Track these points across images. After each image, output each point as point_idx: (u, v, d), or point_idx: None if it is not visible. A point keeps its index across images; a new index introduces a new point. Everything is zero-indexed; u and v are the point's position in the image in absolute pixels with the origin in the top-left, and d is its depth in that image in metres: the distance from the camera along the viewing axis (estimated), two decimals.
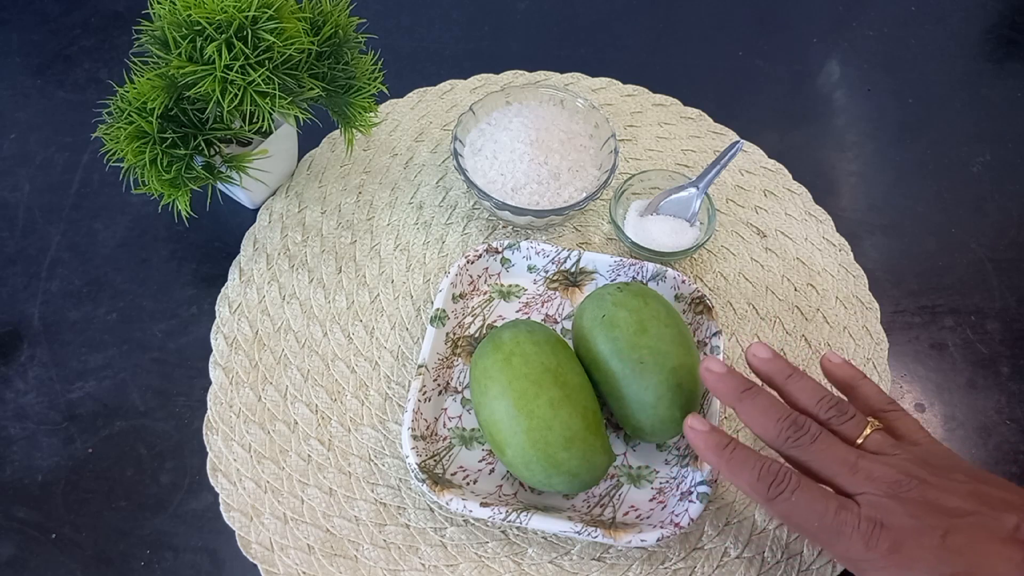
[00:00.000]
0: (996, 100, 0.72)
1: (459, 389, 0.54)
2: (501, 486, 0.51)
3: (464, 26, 0.75)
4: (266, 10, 0.48)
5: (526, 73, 0.71)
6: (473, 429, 0.53)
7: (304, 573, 0.49)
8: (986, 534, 0.37)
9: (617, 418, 0.51)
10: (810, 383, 0.44)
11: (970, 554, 0.36)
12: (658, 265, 0.56)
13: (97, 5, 0.74)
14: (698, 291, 0.55)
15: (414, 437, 0.50)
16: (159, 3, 0.49)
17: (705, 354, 0.53)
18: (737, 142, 0.59)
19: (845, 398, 0.45)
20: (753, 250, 0.62)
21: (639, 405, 0.48)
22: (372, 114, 0.57)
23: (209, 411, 0.54)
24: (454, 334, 0.56)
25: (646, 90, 0.70)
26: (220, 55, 0.47)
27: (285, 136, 0.60)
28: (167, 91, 0.49)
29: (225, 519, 0.50)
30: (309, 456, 0.53)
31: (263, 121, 0.51)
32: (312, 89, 0.52)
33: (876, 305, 0.59)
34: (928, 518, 0.37)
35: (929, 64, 0.74)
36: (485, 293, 0.58)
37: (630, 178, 0.60)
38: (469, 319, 0.57)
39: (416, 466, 0.49)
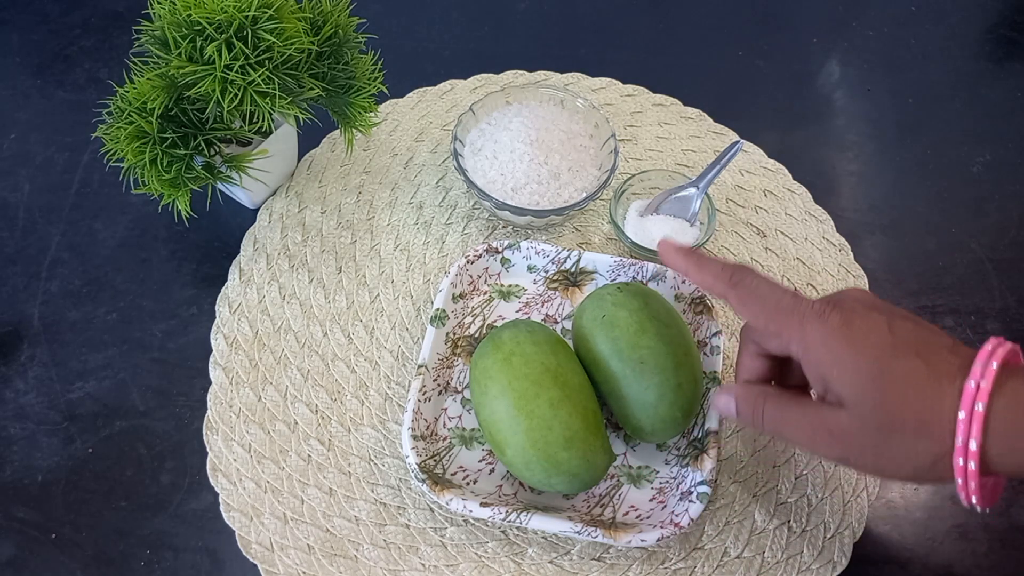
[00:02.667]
0: (996, 100, 0.72)
1: (459, 389, 0.54)
2: (501, 486, 0.51)
3: (464, 26, 0.75)
4: (266, 10, 0.48)
5: (526, 73, 0.71)
6: (473, 429, 0.53)
7: (304, 573, 0.49)
8: (930, 337, 0.39)
9: (618, 418, 0.51)
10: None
11: (914, 341, 0.38)
12: (658, 265, 0.56)
13: (97, 5, 0.74)
14: (698, 291, 0.55)
15: (414, 437, 0.50)
16: (159, 3, 0.49)
17: (706, 355, 0.53)
18: (737, 142, 0.59)
19: None
20: (753, 250, 0.62)
21: (640, 405, 0.48)
22: (372, 114, 0.57)
23: (209, 411, 0.54)
24: (454, 334, 0.56)
25: (646, 90, 0.70)
26: (220, 55, 0.47)
27: (285, 136, 0.60)
28: (167, 91, 0.49)
29: (225, 519, 0.50)
30: (309, 456, 0.53)
31: (263, 121, 0.51)
32: (312, 89, 0.52)
33: None
34: (876, 313, 0.39)
35: (929, 64, 0.74)
36: (485, 293, 0.58)
37: (630, 178, 0.60)
38: (469, 319, 0.57)
39: (416, 466, 0.49)
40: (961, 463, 0.36)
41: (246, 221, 0.62)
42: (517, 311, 0.58)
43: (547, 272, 0.58)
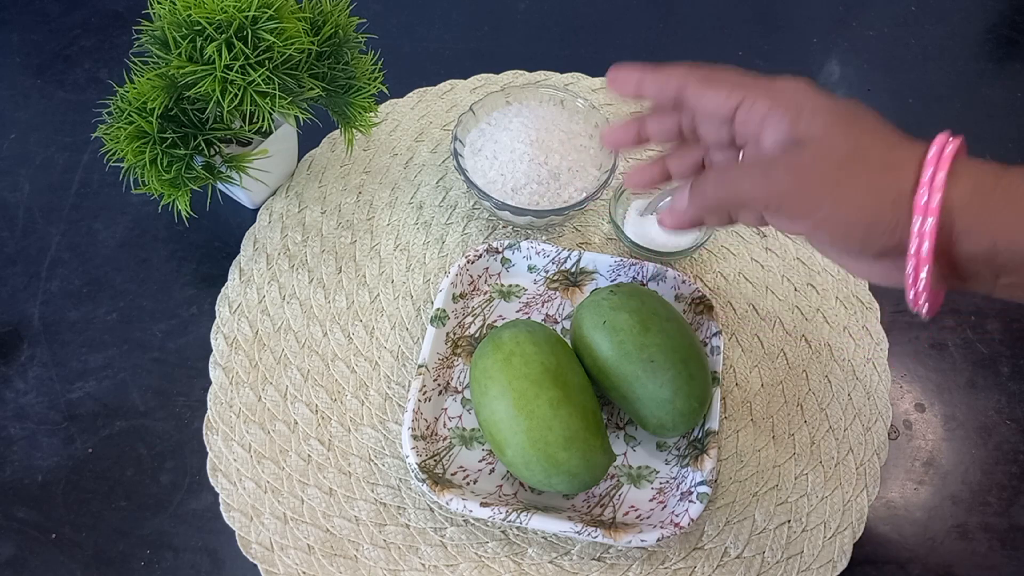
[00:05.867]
0: (996, 100, 0.72)
1: (459, 389, 0.54)
2: (501, 486, 0.51)
3: (464, 26, 0.75)
4: (266, 10, 0.48)
5: (526, 73, 0.71)
6: (473, 429, 0.53)
7: (304, 573, 0.49)
8: None
9: (634, 419, 0.50)
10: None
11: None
12: (658, 265, 0.56)
13: (97, 5, 0.74)
14: (698, 291, 0.56)
15: (414, 437, 0.50)
16: (159, 3, 0.49)
17: (706, 355, 0.53)
18: None
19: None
20: (753, 250, 0.62)
21: (657, 403, 0.48)
22: (372, 114, 0.57)
23: (209, 411, 0.54)
24: (454, 334, 0.56)
25: None
26: (220, 55, 0.47)
27: (285, 136, 0.60)
28: (167, 91, 0.49)
29: (225, 519, 0.50)
30: (309, 456, 0.52)
31: (263, 121, 0.51)
32: (312, 89, 0.52)
33: (876, 305, 0.59)
34: None
35: (929, 64, 0.74)
36: (485, 293, 0.58)
37: None
38: (469, 319, 0.57)
39: (416, 466, 0.49)
40: (924, 200, 0.32)
41: (246, 221, 0.62)
42: (517, 311, 0.57)
43: (547, 272, 0.58)
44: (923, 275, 0.33)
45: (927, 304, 0.34)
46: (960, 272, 0.34)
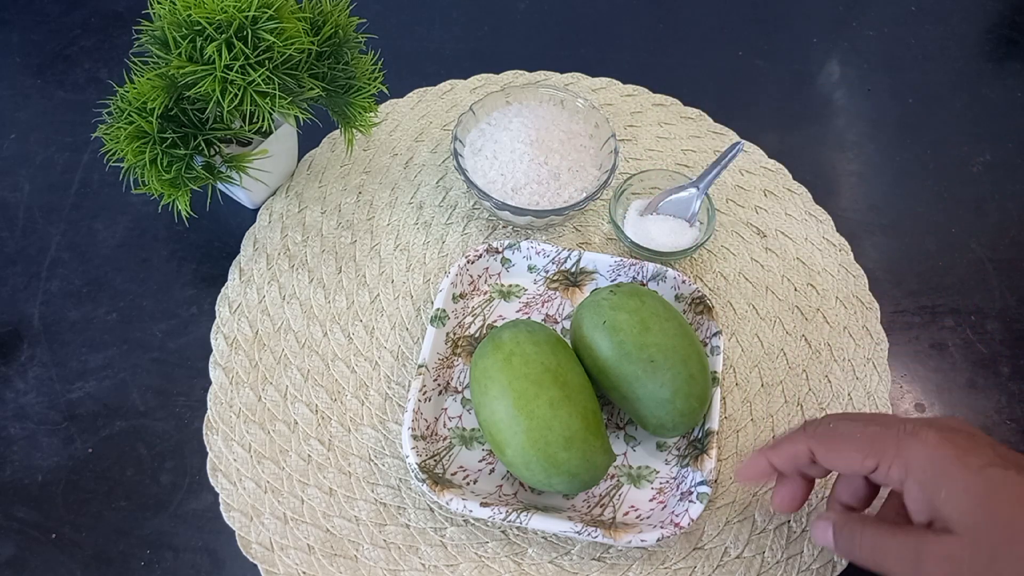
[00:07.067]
0: (996, 100, 0.72)
1: (459, 389, 0.54)
2: (501, 486, 0.51)
3: (464, 26, 0.75)
4: (266, 10, 0.48)
5: (526, 73, 0.71)
6: (473, 429, 0.53)
7: (304, 573, 0.49)
8: None
9: (634, 419, 0.50)
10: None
11: (1020, 457, 0.36)
12: (658, 265, 0.56)
13: (97, 5, 0.74)
14: (698, 291, 0.56)
15: (414, 437, 0.50)
16: (159, 3, 0.49)
17: (706, 355, 0.53)
18: (738, 143, 0.59)
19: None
20: (753, 250, 0.62)
21: (657, 403, 0.48)
22: (372, 114, 0.57)
23: (209, 411, 0.54)
24: (454, 334, 0.56)
25: (646, 90, 0.70)
26: (220, 55, 0.47)
27: (285, 136, 0.60)
28: (167, 91, 0.49)
29: (225, 519, 0.50)
30: (309, 456, 0.53)
31: (263, 121, 0.51)
32: (312, 89, 0.52)
33: (876, 305, 0.59)
34: (973, 431, 0.38)
35: (929, 64, 0.74)
36: (485, 293, 0.58)
37: (630, 178, 0.60)
38: (469, 319, 0.57)
39: (416, 466, 0.49)
40: None
41: (246, 221, 0.62)
42: (517, 311, 0.58)
43: (547, 272, 0.58)
44: None
45: None
46: None
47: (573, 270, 0.58)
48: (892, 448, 0.38)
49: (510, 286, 0.58)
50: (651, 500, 0.50)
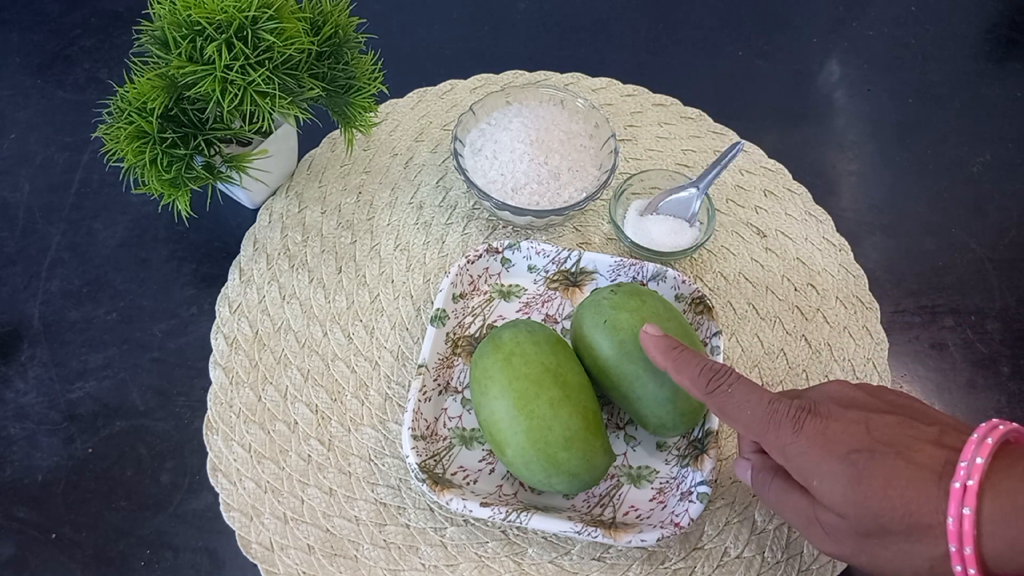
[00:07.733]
0: (996, 100, 0.72)
1: (459, 389, 0.54)
2: (501, 486, 0.51)
3: (464, 26, 0.75)
4: (266, 10, 0.48)
5: (526, 73, 0.71)
6: (473, 429, 0.53)
7: (304, 573, 0.49)
8: (911, 431, 0.37)
9: (636, 419, 0.50)
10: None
11: (894, 438, 0.37)
12: (658, 265, 0.56)
13: (97, 5, 0.74)
14: (698, 291, 0.56)
15: (414, 437, 0.50)
16: (159, 3, 0.49)
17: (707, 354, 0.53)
18: (738, 143, 0.59)
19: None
20: (753, 250, 0.62)
21: (658, 402, 0.48)
22: (372, 114, 0.57)
23: (209, 411, 0.54)
24: (454, 334, 0.56)
25: (646, 90, 0.70)
26: (220, 55, 0.47)
27: (285, 136, 0.60)
28: (167, 91, 0.49)
29: (225, 519, 0.50)
30: (309, 456, 0.53)
31: (263, 121, 0.51)
32: (312, 89, 0.52)
33: (876, 305, 0.59)
34: (854, 412, 0.39)
35: (929, 64, 0.74)
36: (485, 293, 0.58)
37: (630, 178, 0.60)
38: (469, 319, 0.57)
39: (416, 466, 0.49)
40: (960, 569, 0.34)
41: (246, 221, 0.62)
42: (517, 311, 0.58)
43: (547, 272, 0.58)
44: None
45: None
46: None
47: (573, 270, 0.58)
48: (773, 434, 0.40)
49: (510, 286, 0.58)
50: (651, 500, 0.50)
